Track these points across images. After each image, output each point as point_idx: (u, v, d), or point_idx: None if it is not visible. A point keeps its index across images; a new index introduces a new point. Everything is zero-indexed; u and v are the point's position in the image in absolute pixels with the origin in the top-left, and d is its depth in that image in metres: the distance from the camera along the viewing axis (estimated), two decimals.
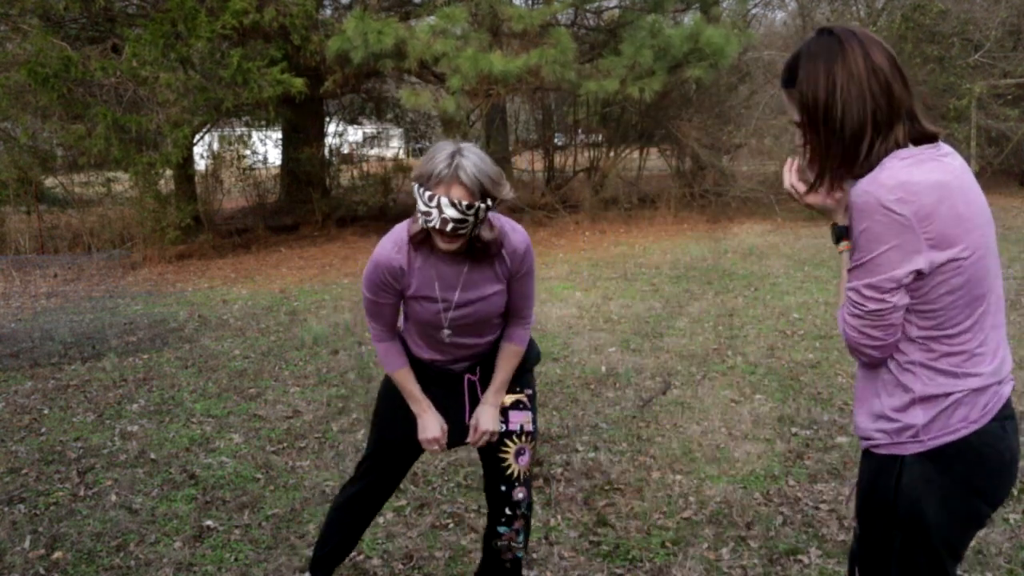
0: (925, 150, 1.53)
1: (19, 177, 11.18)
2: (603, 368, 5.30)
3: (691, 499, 3.42)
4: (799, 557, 2.92)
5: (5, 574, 3.01)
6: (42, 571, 3.02)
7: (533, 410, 2.47)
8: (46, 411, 4.86)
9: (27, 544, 3.21)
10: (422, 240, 2.23)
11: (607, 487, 3.56)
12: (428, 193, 2.08)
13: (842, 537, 3.05)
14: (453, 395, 2.44)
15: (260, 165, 15.31)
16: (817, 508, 3.29)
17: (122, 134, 9.90)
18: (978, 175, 15.51)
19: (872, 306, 1.53)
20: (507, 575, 2.48)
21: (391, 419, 2.48)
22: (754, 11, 18.08)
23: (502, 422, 2.42)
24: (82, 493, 3.68)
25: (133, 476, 3.84)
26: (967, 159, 15.25)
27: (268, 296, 8.35)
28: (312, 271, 9.94)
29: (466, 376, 2.43)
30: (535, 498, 3.47)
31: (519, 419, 2.44)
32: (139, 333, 6.80)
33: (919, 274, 1.49)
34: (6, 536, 3.29)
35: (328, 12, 13.49)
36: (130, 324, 7.16)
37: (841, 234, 1.66)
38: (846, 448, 3.85)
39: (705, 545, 3.04)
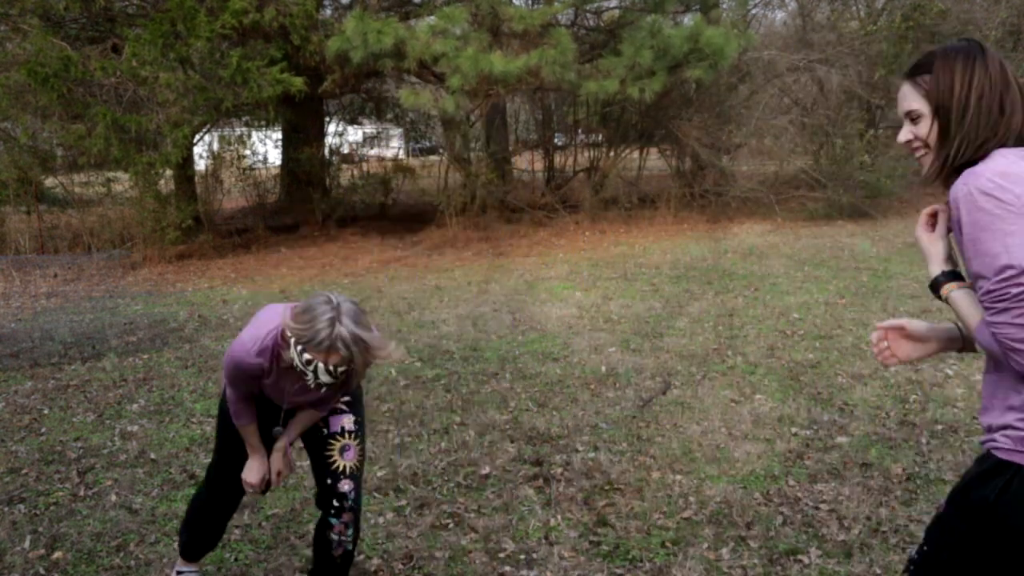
0: None
1: (19, 177, 11.18)
2: (603, 368, 5.30)
3: (691, 499, 3.42)
4: (799, 557, 2.92)
5: (5, 574, 3.01)
6: (42, 571, 3.02)
7: (355, 412, 2.62)
8: (46, 411, 4.86)
9: (27, 544, 3.21)
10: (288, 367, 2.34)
11: (607, 487, 3.56)
12: (306, 356, 2.15)
13: (842, 537, 3.05)
14: (269, 417, 2.59)
15: (260, 165, 15.31)
16: (817, 508, 3.29)
17: (122, 134, 9.90)
18: None
19: (1016, 290, 1.42)
20: (337, 571, 2.59)
21: (234, 437, 2.61)
22: (754, 11, 18.08)
23: (323, 427, 2.57)
24: (82, 493, 3.68)
25: (133, 476, 3.84)
26: None
27: (268, 296, 8.35)
28: (312, 271, 9.94)
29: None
30: (535, 498, 3.47)
31: (339, 421, 2.59)
32: (139, 333, 6.80)
33: None
34: (6, 536, 3.29)
35: (328, 12, 13.49)
36: (130, 324, 7.16)
37: (938, 282, 1.61)
38: (846, 448, 3.85)
39: (705, 545, 3.04)
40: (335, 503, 2.53)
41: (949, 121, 1.57)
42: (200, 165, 14.20)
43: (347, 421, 2.61)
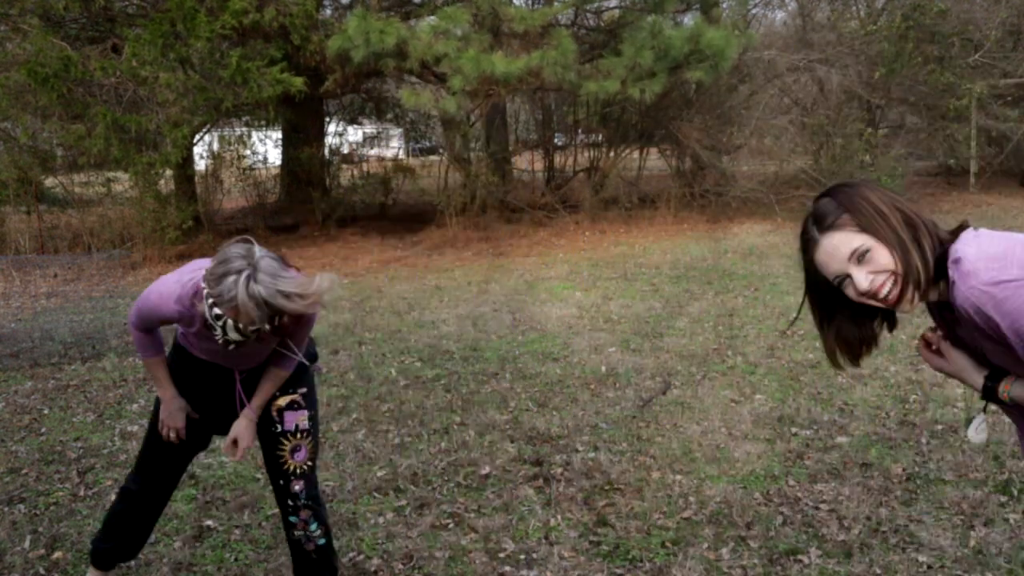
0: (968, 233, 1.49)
1: (19, 177, 11.17)
2: (603, 368, 5.30)
3: (691, 499, 3.42)
4: (799, 557, 2.92)
5: (5, 574, 3.02)
6: (42, 571, 3.02)
7: (309, 407, 2.57)
8: (46, 411, 4.86)
9: (27, 544, 3.21)
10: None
11: (607, 487, 3.56)
12: (216, 310, 2.04)
13: (842, 537, 3.05)
14: (223, 388, 2.52)
15: (260, 165, 15.31)
16: (817, 508, 3.29)
17: (122, 134, 9.89)
18: (978, 175, 15.56)
19: None
20: (317, 565, 2.58)
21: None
22: (754, 11, 18.08)
23: (277, 422, 2.52)
24: (82, 493, 3.68)
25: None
26: (967, 159, 15.33)
27: None
28: (312, 271, 9.91)
29: (236, 372, 2.51)
30: (535, 498, 3.47)
31: (294, 419, 2.54)
32: None
33: None
34: (6, 536, 3.29)
35: (328, 12, 13.49)
36: None
37: (991, 387, 1.54)
38: (846, 448, 3.85)
39: (705, 545, 3.04)
40: (290, 503, 2.53)
41: (898, 232, 1.46)
42: (200, 165, 14.20)
43: (301, 419, 2.56)
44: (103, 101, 10.14)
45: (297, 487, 2.52)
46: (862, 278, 1.48)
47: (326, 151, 14.66)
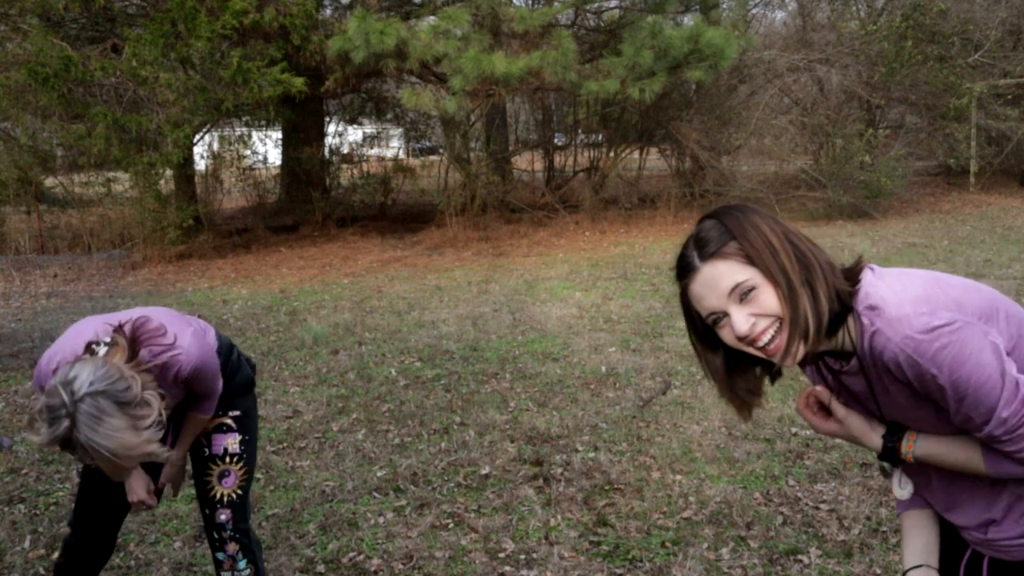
0: (869, 273, 1.33)
1: (19, 177, 11.19)
2: (603, 368, 5.30)
3: (691, 499, 3.42)
4: (799, 557, 2.92)
5: (5, 574, 3.02)
6: (42, 571, 3.02)
7: (242, 431, 2.40)
8: None
9: (27, 544, 3.21)
10: None
11: (607, 487, 3.56)
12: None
13: (842, 537, 3.05)
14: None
15: (260, 165, 15.32)
16: (817, 508, 3.29)
17: (122, 134, 9.90)
18: (978, 175, 15.56)
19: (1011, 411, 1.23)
20: None
21: (96, 480, 2.34)
22: (754, 11, 18.09)
23: (205, 446, 2.36)
24: None
25: None
26: (967, 159, 15.32)
27: (268, 296, 8.35)
28: (312, 271, 9.94)
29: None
30: (535, 498, 3.47)
31: (222, 442, 2.38)
32: None
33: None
34: (6, 536, 3.29)
35: (328, 12, 13.50)
36: None
37: (890, 446, 1.39)
38: (846, 448, 3.85)
39: (705, 545, 3.04)
40: (215, 534, 2.36)
41: (788, 272, 1.26)
42: (200, 165, 14.21)
43: (231, 442, 2.38)
44: (103, 101, 10.15)
45: (223, 516, 2.35)
46: (742, 320, 1.26)
47: (326, 151, 14.66)
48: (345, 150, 16.48)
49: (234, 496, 2.37)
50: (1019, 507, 1.36)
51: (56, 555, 2.55)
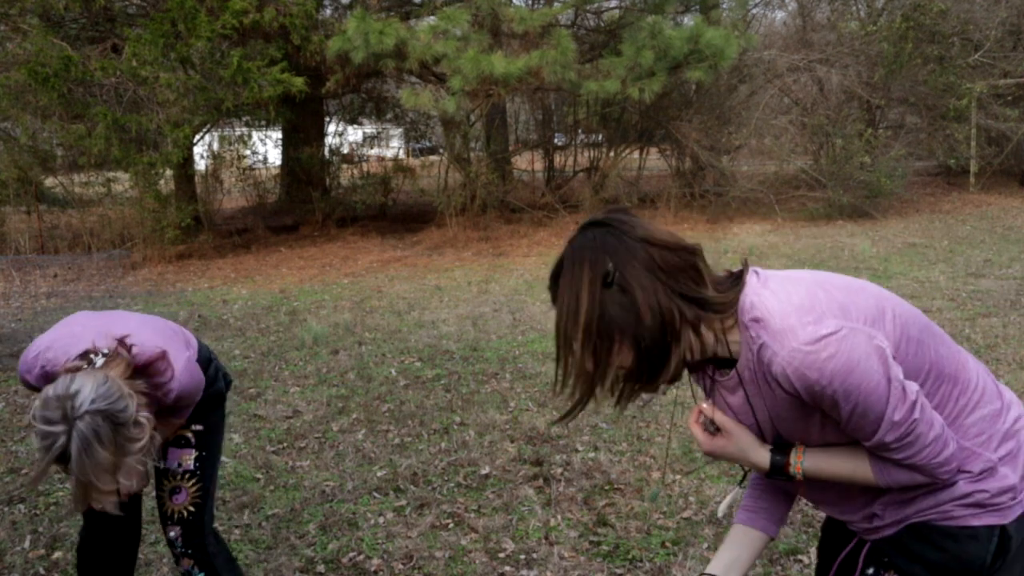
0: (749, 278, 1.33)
1: (19, 177, 11.19)
2: None
3: (691, 499, 3.42)
4: (799, 557, 2.92)
5: (5, 574, 3.02)
6: (42, 571, 3.02)
7: (201, 446, 2.30)
8: None
9: (27, 544, 3.21)
10: None
11: (607, 487, 3.56)
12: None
13: None
14: None
15: (260, 165, 15.33)
16: (817, 508, 3.28)
17: (122, 134, 9.90)
18: (978, 175, 15.56)
19: (916, 414, 1.24)
20: None
21: None
22: (754, 11, 18.09)
23: (160, 458, 2.26)
24: None
25: None
26: (967, 159, 15.32)
27: (268, 296, 8.35)
28: (312, 271, 9.94)
29: None
30: (535, 498, 3.47)
31: (177, 456, 2.29)
32: None
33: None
34: (6, 536, 3.29)
35: (328, 12, 13.49)
36: None
37: (779, 461, 1.39)
38: None
39: (705, 545, 3.04)
40: (171, 551, 2.31)
41: (644, 336, 1.24)
42: (200, 165, 14.21)
43: (186, 458, 2.28)
44: (103, 101, 10.15)
45: (172, 533, 2.27)
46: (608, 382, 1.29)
47: (326, 151, 14.66)
48: (345, 150, 16.48)
49: (184, 513, 2.28)
50: (897, 499, 1.37)
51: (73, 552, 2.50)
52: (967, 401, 1.36)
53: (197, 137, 12.75)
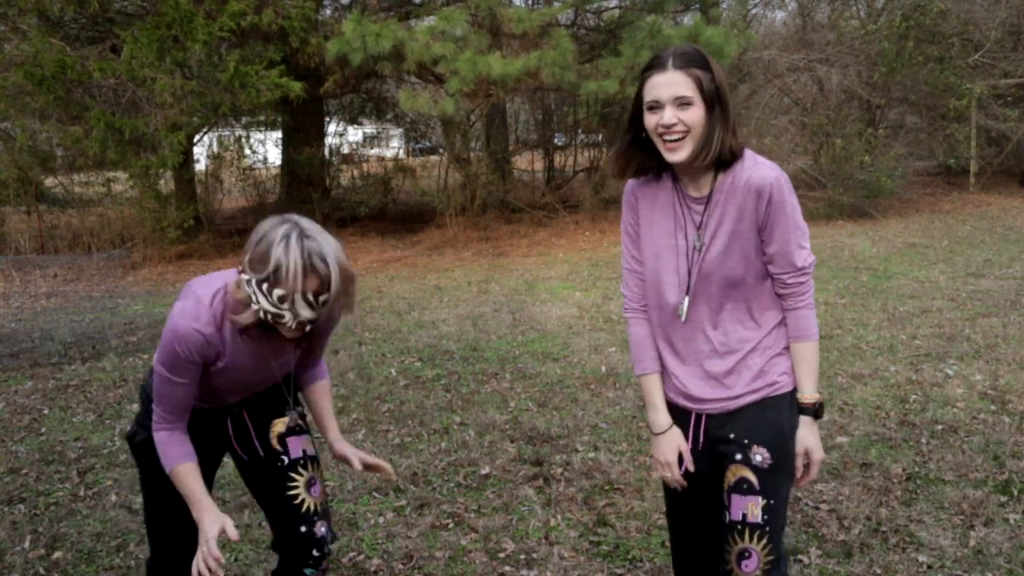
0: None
1: (19, 177, 11.18)
2: (603, 368, 5.30)
3: None
4: (799, 557, 2.92)
5: (5, 574, 3.02)
6: (42, 571, 3.02)
7: (309, 431, 2.21)
8: (46, 411, 4.86)
9: (27, 544, 3.21)
10: (249, 326, 1.88)
11: (607, 487, 3.56)
12: (278, 292, 1.73)
13: (842, 537, 3.05)
14: (217, 433, 2.15)
15: (260, 165, 15.32)
16: (817, 508, 3.28)
17: (118, 136, 9.88)
18: (978, 175, 15.56)
19: (814, 256, 1.91)
20: None
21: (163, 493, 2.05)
22: (754, 11, 18.08)
23: (282, 453, 2.11)
24: (82, 493, 3.68)
25: (133, 476, 3.84)
26: (967, 159, 15.32)
27: None
28: None
29: (233, 411, 2.15)
30: (535, 498, 3.47)
31: (300, 444, 2.14)
32: (139, 333, 6.79)
33: None
34: (6, 536, 3.29)
35: (328, 12, 13.49)
36: (130, 324, 7.16)
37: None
38: (846, 448, 3.85)
39: None
40: (314, 552, 2.09)
41: (718, 111, 1.76)
42: (200, 165, 14.21)
43: (306, 443, 2.15)
44: (102, 102, 10.14)
45: (323, 530, 2.11)
46: (669, 115, 1.74)
47: (326, 151, 14.65)
48: (345, 150, 16.48)
49: (326, 504, 2.15)
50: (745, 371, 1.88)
51: None
52: None
53: (196, 138, 12.74)
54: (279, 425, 2.14)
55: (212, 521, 1.88)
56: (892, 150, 13.40)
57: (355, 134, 17.96)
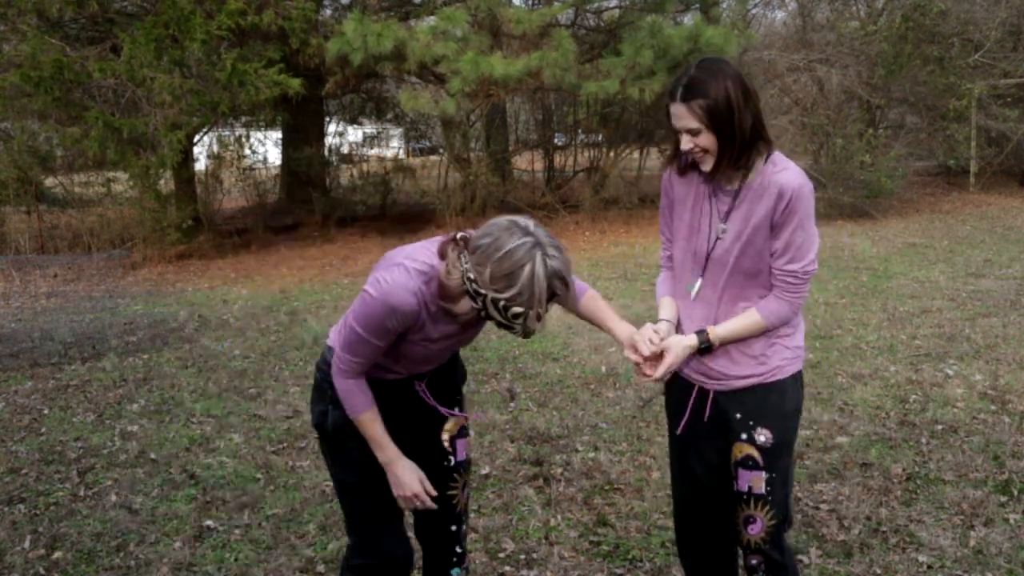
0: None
1: (19, 177, 11.17)
2: (603, 368, 5.30)
3: None
4: (799, 557, 2.92)
5: (5, 574, 3.01)
6: (42, 571, 3.02)
7: (470, 432, 2.29)
8: (46, 411, 4.86)
9: (27, 544, 3.21)
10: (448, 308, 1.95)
11: (607, 487, 3.56)
12: (516, 310, 1.79)
13: (842, 537, 3.05)
14: (408, 405, 2.17)
15: (260, 165, 15.31)
16: (817, 508, 3.29)
17: (118, 136, 9.87)
18: (978, 175, 15.56)
19: (815, 267, 2.05)
20: None
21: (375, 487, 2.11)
22: (754, 11, 18.08)
23: (450, 454, 2.16)
24: (82, 493, 3.68)
25: (133, 476, 3.84)
26: (967, 159, 15.31)
27: (268, 296, 8.35)
28: (312, 271, 9.94)
29: (415, 383, 2.19)
30: (535, 498, 3.47)
31: (464, 449, 2.20)
32: (139, 333, 6.80)
33: None
34: (6, 536, 3.29)
35: (328, 12, 13.48)
36: (130, 324, 7.16)
37: (705, 341, 2.09)
38: (846, 448, 3.85)
39: None
40: (458, 550, 2.19)
41: (728, 135, 1.91)
42: (200, 165, 14.20)
43: (469, 448, 2.23)
44: (102, 102, 10.13)
45: (465, 527, 2.23)
46: (685, 143, 1.96)
47: (326, 151, 14.65)
48: (345, 150, 16.48)
49: (467, 505, 2.24)
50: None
51: None
52: None
53: (197, 137, 12.74)
54: (451, 426, 2.20)
55: (410, 470, 2.04)
56: (892, 150, 13.40)
57: (355, 134, 17.95)
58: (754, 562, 2.13)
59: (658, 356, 2.06)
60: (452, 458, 2.17)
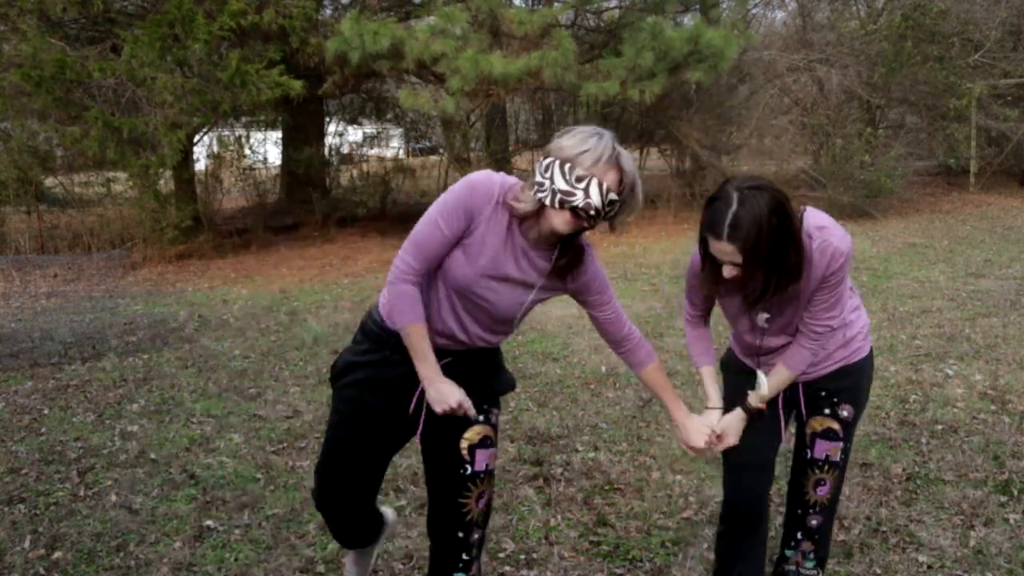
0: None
1: (19, 177, 11.17)
2: (603, 368, 5.30)
3: (691, 499, 3.42)
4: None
5: (5, 574, 3.02)
6: (42, 571, 3.02)
7: (496, 443, 2.23)
8: (46, 411, 4.86)
9: (27, 544, 3.21)
10: (525, 217, 2.00)
11: (607, 487, 3.56)
12: (579, 172, 1.89)
13: (842, 537, 3.05)
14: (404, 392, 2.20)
15: (260, 165, 15.31)
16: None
17: (118, 136, 9.86)
18: (978, 175, 15.56)
19: (843, 317, 2.27)
20: None
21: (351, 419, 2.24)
22: (754, 11, 18.09)
23: (467, 462, 2.13)
24: (82, 493, 3.68)
25: (133, 476, 3.84)
26: (967, 159, 15.32)
27: (268, 296, 8.35)
28: (312, 271, 9.94)
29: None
30: (535, 498, 3.47)
31: (485, 459, 2.15)
32: (139, 333, 6.80)
33: None
34: (6, 536, 3.29)
35: (328, 12, 13.49)
36: (130, 324, 7.16)
37: (749, 405, 2.37)
38: None
39: (705, 545, 3.04)
40: (464, 556, 2.18)
41: (769, 262, 2.04)
42: (200, 165, 14.20)
43: (491, 458, 2.17)
44: (102, 102, 10.13)
45: (476, 535, 2.19)
46: (727, 271, 2.06)
47: (326, 151, 14.64)
48: (345, 150, 16.48)
49: (487, 515, 2.24)
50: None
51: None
52: None
53: (196, 138, 12.74)
54: (473, 435, 2.15)
55: (449, 384, 2.04)
56: (892, 150, 13.40)
57: (355, 134, 17.96)
58: (815, 523, 2.43)
59: (717, 438, 2.38)
60: (468, 467, 2.14)
